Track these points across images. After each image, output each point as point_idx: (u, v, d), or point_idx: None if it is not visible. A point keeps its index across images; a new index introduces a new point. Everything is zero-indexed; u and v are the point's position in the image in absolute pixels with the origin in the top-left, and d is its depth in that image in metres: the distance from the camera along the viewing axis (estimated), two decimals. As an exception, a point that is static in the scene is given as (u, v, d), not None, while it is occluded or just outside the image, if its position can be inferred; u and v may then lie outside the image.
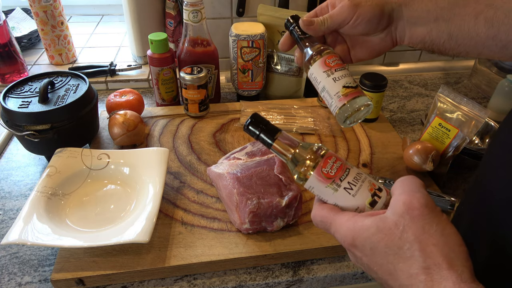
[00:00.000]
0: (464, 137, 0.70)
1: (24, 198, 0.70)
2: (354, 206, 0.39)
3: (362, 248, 0.35)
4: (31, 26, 1.14)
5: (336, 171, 0.39)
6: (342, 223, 0.37)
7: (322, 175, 0.39)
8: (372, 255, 0.35)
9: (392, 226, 0.33)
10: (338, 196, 0.39)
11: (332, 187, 0.39)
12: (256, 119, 0.41)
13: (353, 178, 0.39)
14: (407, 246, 0.33)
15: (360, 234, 0.35)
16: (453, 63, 1.16)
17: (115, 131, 0.75)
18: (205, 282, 0.58)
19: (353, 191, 0.38)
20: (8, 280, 0.57)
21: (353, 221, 0.36)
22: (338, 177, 0.39)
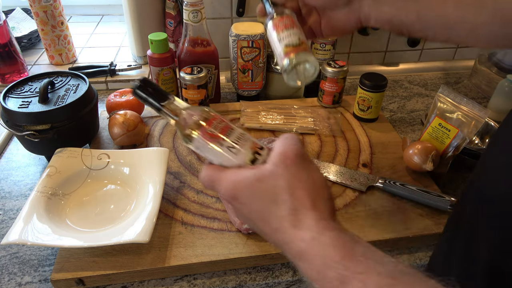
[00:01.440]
0: (464, 137, 0.70)
1: (24, 198, 0.70)
2: (236, 164, 0.40)
3: (241, 198, 0.38)
4: (31, 26, 1.14)
5: (220, 131, 0.40)
6: (226, 178, 0.39)
7: (206, 135, 0.40)
8: (250, 203, 0.37)
9: (268, 174, 0.36)
10: (222, 155, 0.40)
11: (216, 146, 0.40)
12: (145, 83, 0.41)
13: (236, 138, 0.40)
14: (280, 192, 0.36)
15: (240, 185, 0.38)
16: (453, 63, 1.16)
17: (115, 131, 0.75)
18: (205, 282, 0.58)
19: (235, 149, 0.40)
20: (8, 280, 0.57)
21: (235, 175, 0.38)
22: (221, 138, 0.40)
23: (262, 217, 0.37)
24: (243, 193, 0.38)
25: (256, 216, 0.38)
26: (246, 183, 0.37)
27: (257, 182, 0.37)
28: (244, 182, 0.37)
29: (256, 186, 0.37)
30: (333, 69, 0.85)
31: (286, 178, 0.36)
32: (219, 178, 0.39)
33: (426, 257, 0.62)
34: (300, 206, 0.35)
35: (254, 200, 0.37)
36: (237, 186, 0.38)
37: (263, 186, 0.36)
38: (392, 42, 1.10)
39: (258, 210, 0.37)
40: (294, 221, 0.35)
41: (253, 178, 0.37)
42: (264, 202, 0.36)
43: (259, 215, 0.37)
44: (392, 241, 0.61)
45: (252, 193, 0.37)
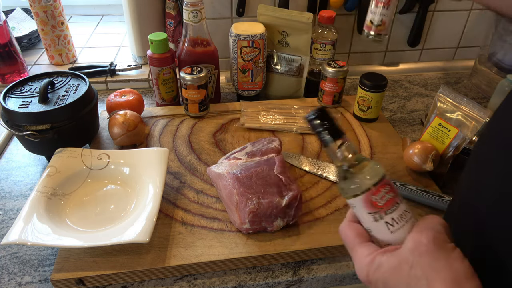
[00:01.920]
0: (464, 137, 0.70)
1: (24, 198, 0.70)
2: (387, 241, 0.37)
3: (375, 283, 0.36)
4: (31, 26, 1.14)
5: (385, 202, 0.36)
6: (362, 258, 0.37)
7: (369, 203, 0.36)
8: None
9: (402, 262, 0.34)
10: (376, 226, 0.37)
11: (374, 217, 0.37)
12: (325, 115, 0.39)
13: (399, 215, 0.36)
14: (415, 282, 0.33)
15: (374, 271, 0.36)
16: (453, 63, 1.16)
17: (115, 131, 0.75)
18: (205, 282, 0.58)
19: (394, 228, 0.36)
20: (8, 280, 0.57)
21: (371, 258, 0.36)
22: (384, 210, 0.36)
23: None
24: (376, 279, 0.36)
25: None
26: (380, 270, 0.35)
27: (391, 270, 0.35)
28: (378, 269, 0.35)
29: (389, 273, 0.35)
30: (333, 69, 0.85)
31: (421, 267, 0.33)
32: (356, 252, 0.38)
33: (426, 257, 0.62)
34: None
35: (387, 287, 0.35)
36: (371, 272, 0.36)
37: (396, 274, 0.34)
38: (392, 42, 1.10)
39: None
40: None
41: (387, 265, 0.35)
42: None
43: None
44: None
45: (386, 280, 0.35)
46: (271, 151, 0.68)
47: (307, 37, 0.88)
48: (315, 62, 0.94)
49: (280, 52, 0.91)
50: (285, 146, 0.80)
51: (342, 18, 1.03)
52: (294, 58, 0.91)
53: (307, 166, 0.74)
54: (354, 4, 0.98)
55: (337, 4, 0.97)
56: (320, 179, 0.72)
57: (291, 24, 0.86)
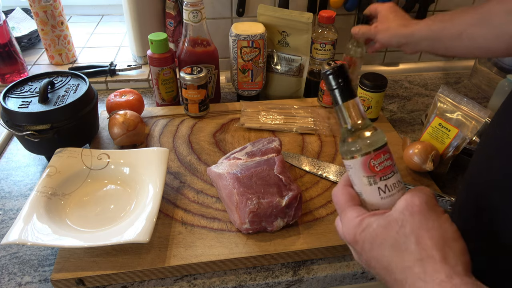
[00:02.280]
0: (464, 137, 0.70)
1: (24, 198, 0.70)
2: (376, 206, 0.38)
3: (362, 244, 0.36)
4: (31, 26, 1.14)
5: (382, 168, 0.37)
6: (351, 219, 0.38)
7: (367, 166, 0.37)
8: (370, 250, 0.36)
9: (391, 221, 0.35)
10: (368, 190, 0.38)
11: (368, 181, 0.38)
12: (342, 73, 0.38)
13: (392, 184, 0.37)
14: (403, 240, 0.33)
15: (362, 231, 0.36)
16: (453, 63, 1.16)
17: (115, 131, 0.75)
18: (205, 282, 0.58)
19: (385, 194, 0.37)
20: (8, 280, 0.57)
21: (360, 219, 0.37)
22: (380, 176, 0.37)
23: (383, 265, 0.35)
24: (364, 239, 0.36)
25: (377, 264, 0.36)
26: (367, 230, 0.36)
27: (379, 228, 0.35)
28: (366, 228, 0.36)
29: (376, 232, 0.35)
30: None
31: (411, 225, 0.34)
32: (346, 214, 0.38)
33: (426, 257, 0.62)
34: (428, 257, 0.32)
35: (374, 247, 0.35)
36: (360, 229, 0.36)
37: (384, 232, 0.35)
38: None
39: (378, 258, 0.35)
40: (421, 273, 0.32)
41: (375, 225, 0.35)
42: (384, 250, 0.34)
43: (381, 264, 0.35)
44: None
45: (373, 239, 0.35)
46: (271, 151, 0.68)
47: (307, 37, 0.88)
48: (315, 62, 0.94)
49: (280, 52, 0.91)
50: (285, 146, 0.80)
51: (342, 18, 1.03)
52: (294, 58, 0.91)
53: (307, 166, 0.74)
54: (354, 4, 0.98)
55: (337, 4, 0.97)
56: (320, 179, 0.72)
57: (291, 24, 0.86)
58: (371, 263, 0.36)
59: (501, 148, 0.42)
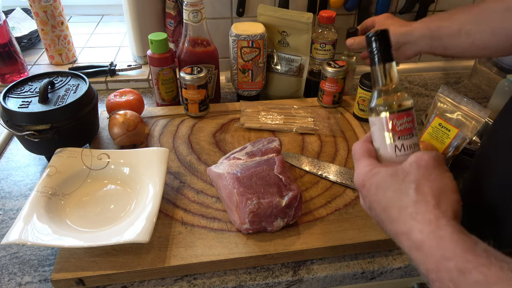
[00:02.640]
0: (464, 137, 0.70)
1: (24, 198, 0.70)
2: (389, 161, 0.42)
3: (369, 187, 0.41)
4: (31, 26, 1.14)
5: (402, 129, 0.41)
6: (363, 166, 0.42)
7: (390, 124, 0.41)
8: (375, 193, 0.40)
9: (399, 170, 0.39)
10: (386, 146, 0.42)
11: (388, 138, 0.42)
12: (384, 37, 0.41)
13: (408, 144, 0.41)
14: (405, 186, 0.37)
15: (372, 176, 0.41)
16: (453, 63, 1.16)
17: (115, 131, 0.75)
18: (205, 282, 0.58)
19: (400, 153, 0.41)
20: (8, 280, 0.57)
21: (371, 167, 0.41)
22: (399, 135, 0.41)
23: (383, 206, 0.39)
24: (372, 183, 0.40)
25: (378, 206, 0.40)
26: (377, 176, 0.40)
27: (387, 176, 0.39)
28: (375, 175, 0.40)
29: (384, 178, 0.39)
30: (333, 69, 0.85)
31: (415, 175, 0.37)
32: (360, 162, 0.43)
33: (426, 257, 0.62)
34: (423, 201, 0.36)
35: (379, 190, 0.40)
36: (368, 177, 0.41)
37: (390, 179, 0.39)
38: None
39: (380, 200, 0.39)
40: (413, 213, 0.36)
41: (384, 173, 0.40)
42: (388, 192, 0.39)
43: (381, 205, 0.39)
44: (392, 241, 0.61)
45: (379, 184, 0.40)
46: (271, 151, 0.68)
47: (307, 37, 0.88)
48: (315, 62, 0.94)
49: (280, 52, 0.91)
50: (285, 146, 0.80)
51: (342, 18, 1.03)
52: (294, 58, 0.91)
53: (307, 166, 0.74)
54: (354, 4, 0.98)
55: (337, 4, 0.97)
56: (320, 179, 0.72)
57: (291, 24, 0.86)
58: (372, 205, 0.41)
59: (503, 148, 0.42)
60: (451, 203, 0.36)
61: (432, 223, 0.35)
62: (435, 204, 0.35)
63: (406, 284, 0.68)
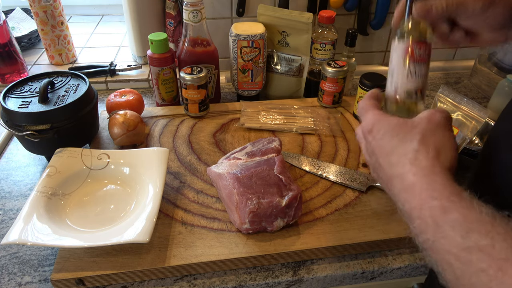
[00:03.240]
0: (464, 137, 0.70)
1: (24, 198, 0.70)
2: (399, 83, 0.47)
3: (376, 133, 0.42)
4: (31, 26, 1.14)
5: (418, 56, 0.46)
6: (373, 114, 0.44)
7: (409, 49, 0.46)
8: (381, 139, 0.42)
9: (408, 122, 0.41)
10: (401, 69, 0.47)
11: (404, 60, 0.47)
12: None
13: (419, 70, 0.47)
14: (410, 136, 0.39)
15: (380, 122, 0.43)
16: (453, 63, 1.16)
17: (115, 131, 0.75)
18: (205, 282, 0.58)
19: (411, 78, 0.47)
20: (8, 280, 0.57)
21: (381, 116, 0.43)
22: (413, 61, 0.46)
23: (385, 151, 0.41)
24: (379, 129, 0.42)
25: (381, 151, 0.41)
26: (386, 123, 0.42)
27: (396, 125, 0.41)
28: (385, 121, 0.42)
29: (393, 126, 0.41)
30: (333, 69, 0.85)
31: (422, 128, 0.39)
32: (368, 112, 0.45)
33: (426, 257, 0.62)
34: (423, 150, 0.38)
35: (385, 136, 0.41)
36: (377, 122, 0.43)
37: (398, 128, 0.41)
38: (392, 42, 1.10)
39: (384, 145, 0.41)
40: (412, 159, 0.38)
41: (395, 121, 0.42)
42: (393, 139, 0.40)
43: (385, 150, 0.41)
44: (392, 241, 0.61)
45: (386, 130, 0.41)
46: (271, 151, 0.68)
47: (307, 37, 0.88)
48: (315, 62, 0.94)
49: (280, 52, 0.91)
50: (285, 146, 0.80)
51: (342, 18, 1.03)
52: (294, 58, 0.91)
53: (307, 166, 0.74)
54: (354, 4, 0.98)
55: (337, 4, 0.97)
56: (320, 179, 0.72)
57: (291, 24, 0.86)
58: (375, 150, 0.42)
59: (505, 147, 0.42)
60: (449, 158, 0.38)
61: (427, 168, 0.37)
62: (435, 155, 0.37)
63: (406, 284, 0.68)
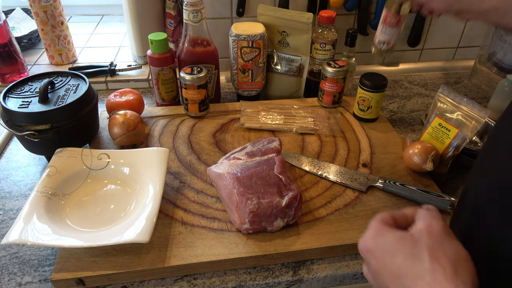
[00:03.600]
0: (464, 137, 0.70)
1: (24, 198, 0.70)
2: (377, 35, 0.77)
3: (374, 251, 0.39)
4: (31, 26, 1.14)
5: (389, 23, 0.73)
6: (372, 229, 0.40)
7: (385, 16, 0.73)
8: (382, 257, 0.38)
9: (407, 236, 0.37)
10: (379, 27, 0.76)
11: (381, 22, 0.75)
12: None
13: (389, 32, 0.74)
14: (417, 251, 0.35)
15: (377, 238, 0.39)
16: (453, 63, 1.16)
17: (115, 131, 0.75)
18: (205, 282, 0.58)
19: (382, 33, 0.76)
20: (8, 280, 0.57)
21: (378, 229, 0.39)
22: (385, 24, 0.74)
23: (392, 271, 0.36)
24: (378, 246, 0.38)
25: (385, 271, 0.37)
26: (385, 238, 0.38)
27: (396, 239, 0.37)
28: (385, 236, 0.38)
29: (393, 242, 0.37)
30: (333, 69, 0.85)
31: (427, 241, 0.36)
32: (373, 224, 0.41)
33: (426, 257, 0.62)
34: (439, 266, 0.33)
35: (387, 254, 0.37)
36: (376, 238, 0.39)
37: (400, 243, 0.37)
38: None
39: (389, 265, 0.37)
40: (430, 281, 0.33)
41: (392, 235, 0.38)
42: (398, 259, 0.36)
43: (390, 270, 0.37)
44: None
45: (387, 248, 0.37)
46: (271, 151, 0.68)
47: (307, 37, 0.88)
48: (315, 62, 0.94)
49: (280, 52, 0.91)
50: (285, 146, 0.80)
51: (342, 18, 1.03)
52: (294, 58, 0.91)
53: (307, 166, 0.74)
54: (354, 4, 0.98)
55: (337, 4, 0.97)
56: (320, 179, 0.72)
57: (291, 24, 0.86)
58: (379, 271, 0.38)
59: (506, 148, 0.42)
60: (468, 273, 0.34)
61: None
62: (453, 272, 0.33)
63: (406, 284, 0.68)
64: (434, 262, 0.34)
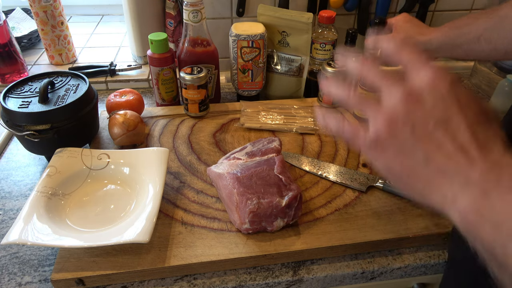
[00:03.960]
0: (464, 137, 0.70)
1: (24, 198, 0.70)
2: None
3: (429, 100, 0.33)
4: (31, 26, 1.14)
5: None
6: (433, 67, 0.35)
7: None
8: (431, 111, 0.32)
9: None
10: None
11: None
12: None
13: None
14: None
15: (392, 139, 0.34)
16: (453, 63, 1.16)
17: (115, 131, 0.75)
18: (205, 282, 0.58)
19: None
20: (8, 280, 0.57)
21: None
22: None
23: None
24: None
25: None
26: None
27: None
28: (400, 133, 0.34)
29: None
30: (333, 69, 0.85)
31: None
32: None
33: (426, 257, 0.62)
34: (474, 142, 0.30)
35: None
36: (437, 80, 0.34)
37: None
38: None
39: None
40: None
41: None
42: None
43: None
44: (392, 241, 0.61)
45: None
46: (271, 151, 0.68)
47: (307, 37, 0.88)
48: (315, 62, 0.94)
49: (280, 52, 0.91)
50: (285, 146, 0.80)
51: (342, 18, 1.03)
52: (294, 58, 0.91)
53: (307, 166, 0.74)
54: (354, 4, 0.98)
55: (337, 4, 0.97)
56: (320, 179, 0.72)
57: (291, 24, 0.86)
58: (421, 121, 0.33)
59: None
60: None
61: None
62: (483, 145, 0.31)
63: (406, 284, 0.68)
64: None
